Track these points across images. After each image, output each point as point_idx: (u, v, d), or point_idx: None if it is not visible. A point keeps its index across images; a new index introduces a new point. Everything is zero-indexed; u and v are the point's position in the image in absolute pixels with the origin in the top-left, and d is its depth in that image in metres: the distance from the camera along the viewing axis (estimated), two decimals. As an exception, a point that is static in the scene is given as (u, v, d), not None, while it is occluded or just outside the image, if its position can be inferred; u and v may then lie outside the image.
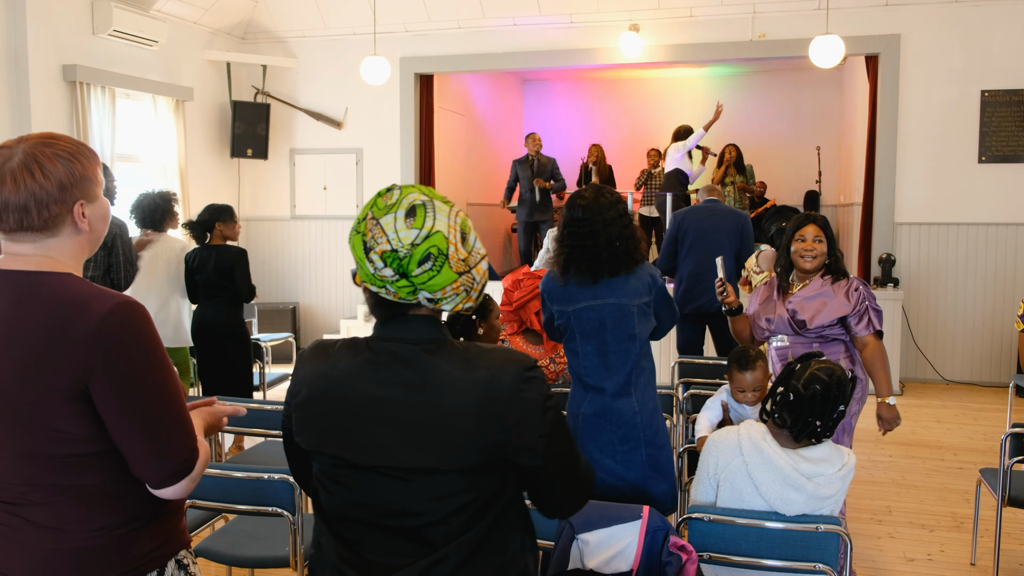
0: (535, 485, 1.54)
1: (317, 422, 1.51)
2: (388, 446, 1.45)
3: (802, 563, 2.31)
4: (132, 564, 1.56)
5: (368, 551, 1.49)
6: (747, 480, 2.35)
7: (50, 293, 1.48)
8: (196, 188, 8.02)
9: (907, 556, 3.85)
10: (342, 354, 1.52)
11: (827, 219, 3.45)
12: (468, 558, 1.46)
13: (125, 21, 7.04)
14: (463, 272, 1.46)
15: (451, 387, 1.44)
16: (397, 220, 1.43)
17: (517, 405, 1.44)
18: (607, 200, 2.85)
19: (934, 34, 7.30)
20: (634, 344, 2.84)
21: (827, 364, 2.38)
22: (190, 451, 1.55)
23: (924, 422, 6.17)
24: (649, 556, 2.31)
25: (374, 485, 1.47)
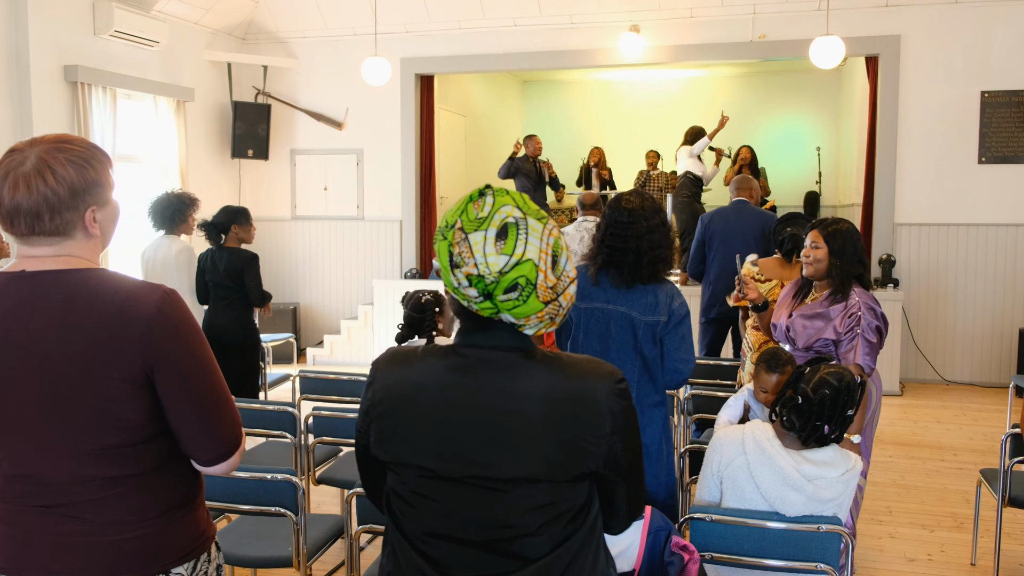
0: (607, 497, 1.50)
1: (403, 433, 1.44)
2: (481, 456, 1.39)
3: (804, 563, 2.32)
4: (192, 546, 1.62)
5: (455, 569, 1.42)
6: (748, 479, 2.36)
7: (98, 287, 1.51)
8: (197, 189, 8.00)
9: (907, 556, 3.86)
10: (427, 361, 1.46)
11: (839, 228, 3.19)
12: (565, 570, 1.41)
13: (126, 22, 7.05)
14: (550, 301, 1.40)
15: (544, 395, 1.39)
16: (487, 242, 1.36)
17: (610, 417, 1.41)
18: (651, 206, 2.85)
19: (934, 35, 7.32)
20: (636, 360, 2.79)
21: (837, 368, 2.38)
22: (239, 427, 1.63)
23: (924, 423, 6.18)
24: (651, 556, 2.32)
25: (464, 497, 1.41)
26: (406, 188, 8.61)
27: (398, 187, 8.62)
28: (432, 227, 8.82)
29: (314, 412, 3.70)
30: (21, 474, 1.52)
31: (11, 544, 1.54)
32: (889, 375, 7.03)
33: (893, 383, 7.04)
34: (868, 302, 3.12)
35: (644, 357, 2.80)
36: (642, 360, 2.80)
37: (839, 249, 3.13)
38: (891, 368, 7.03)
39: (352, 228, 8.80)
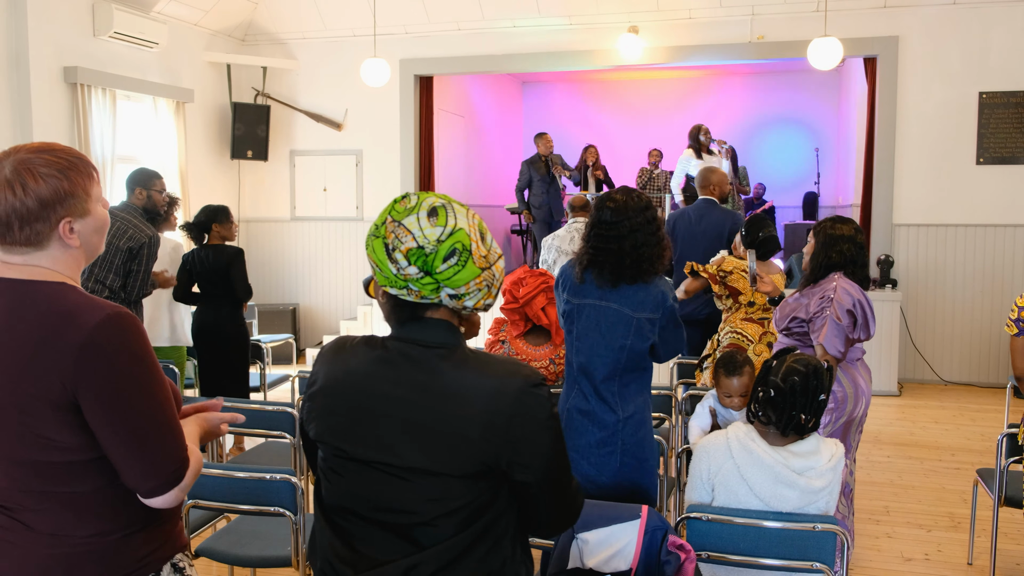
0: (523, 500, 1.56)
1: (326, 413, 1.55)
2: (390, 444, 1.48)
3: (799, 562, 2.33)
4: (126, 569, 1.56)
5: (359, 543, 1.53)
6: (740, 482, 2.37)
7: (43, 302, 1.49)
8: (197, 190, 8.05)
9: (904, 556, 3.87)
10: (359, 350, 1.57)
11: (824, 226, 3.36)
12: (452, 562, 1.49)
13: (126, 23, 7.07)
14: (485, 268, 1.51)
15: (458, 393, 1.47)
16: (420, 219, 1.48)
17: (520, 420, 1.47)
18: (637, 204, 2.83)
19: (932, 36, 7.33)
20: (623, 354, 2.81)
21: (802, 356, 2.43)
22: (180, 461, 1.54)
23: (922, 423, 6.20)
24: (648, 555, 2.33)
25: (371, 479, 1.51)
26: (405, 189, 8.62)
27: (397, 188, 8.63)
28: (431, 228, 8.83)
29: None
30: None
31: None
32: (887, 375, 7.05)
33: (891, 383, 7.05)
34: (846, 287, 3.21)
35: (632, 351, 2.81)
36: (629, 354, 2.81)
37: (823, 243, 3.31)
38: (889, 368, 7.05)
39: (351, 229, 8.82)
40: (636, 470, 2.92)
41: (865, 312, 3.18)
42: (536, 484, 1.52)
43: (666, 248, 2.84)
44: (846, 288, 3.21)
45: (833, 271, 3.29)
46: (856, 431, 3.37)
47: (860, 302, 3.18)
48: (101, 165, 6.90)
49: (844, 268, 3.28)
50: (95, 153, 6.84)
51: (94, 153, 6.83)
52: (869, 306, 3.23)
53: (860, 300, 3.18)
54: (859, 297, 3.20)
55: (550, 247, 5.96)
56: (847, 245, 3.27)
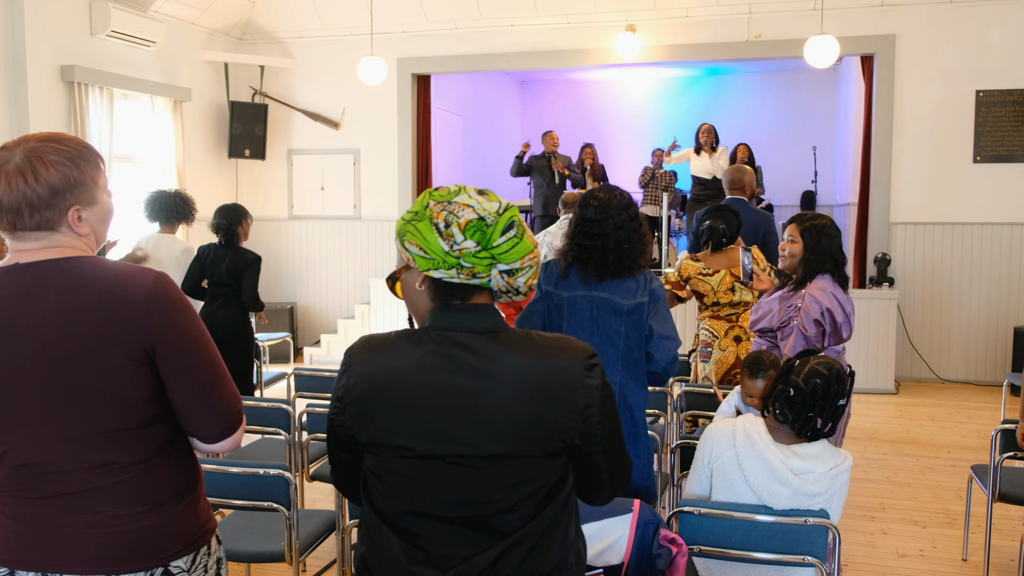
0: (588, 471, 1.54)
1: (381, 414, 1.48)
2: (457, 434, 1.44)
3: (791, 556, 2.34)
4: (191, 540, 1.63)
5: (434, 545, 1.46)
6: (738, 471, 2.38)
7: (93, 272, 1.54)
8: (194, 188, 8.01)
9: (899, 552, 3.88)
10: (401, 345, 1.51)
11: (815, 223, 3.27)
12: (537, 544, 1.46)
13: (123, 22, 7.07)
14: (536, 245, 1.53)
15: (518, 373, 1.44)
16: (472, 196, 1.49)
17: (583, 391, 1.46)
18: (619, 202, 2.86)
19: (929, 34, 7.34)
20: (619, 343, 2.83)
21: (826, 359, 2.41)
22: (240, 403, 1.67)
23: (919, 420, 6.20)
24: (640, 549, 2.34)
25: (442, 475, 1.46)
26: (403, 188, 8.62)
27: (395, 187, 8.63)
28: (429, 227, 8.83)
29: (308, 409, 3.72)
30: (24, 463, 1.53)
31: (12, 536, 1.55)
32: (884, 374, 7.05)
33: (888, 382, 7.06)
34: (816, 294, 3.14)
35: (628, 340, 2.83)
36: (626, 343, 2.83)
37: (814, 245, 3.24)
38: (886, 366, 7.06)
39: (349, 228, 8.82)
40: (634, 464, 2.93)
41: (835, 319, 3.12)
42: (604, 452, 1.50)
43: (647, 244, 2.86)
44: (815, 296, 3.15)
45: (822, 273, 3.23)
46: (839, 437, 3.33)
47: (829, 310, 3.12)
48: (98, 164, 6.90)
49: (833, 270, 3.23)
50: (92, 152, 6.84)
51: (91, 152, 6.83)
52: (845, 308, 3.16)
53: (829, 308, 3.12)
54: (828, 305, 3.12)
55: (542, 242, 5.98)
56: (836, 241, 3.25)
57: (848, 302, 3.19)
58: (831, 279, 3.21)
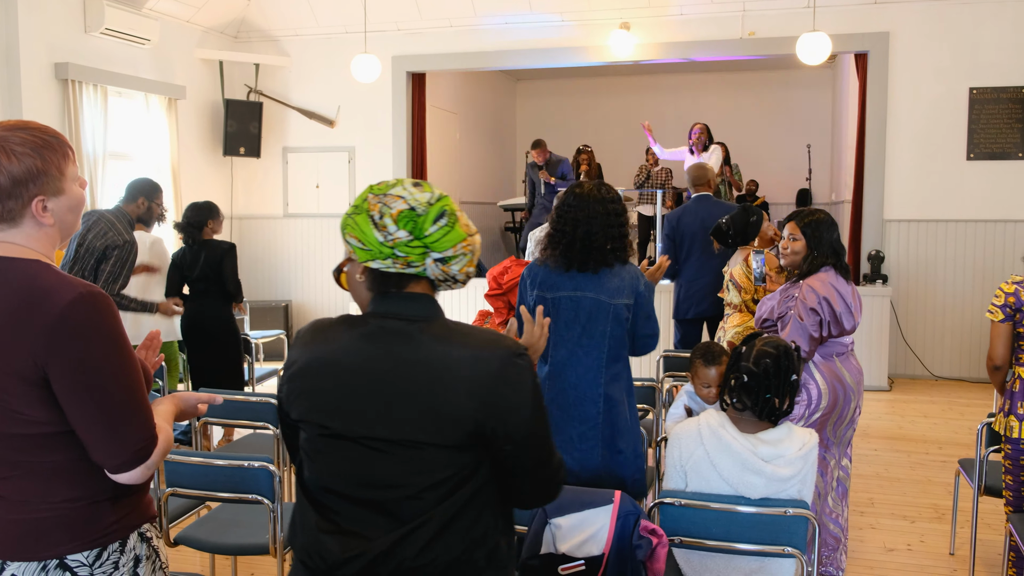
0: (506, 471, 1.56)
1: (310, 392, 1.55)
2: (375, 418, 1.49)
3: (771, 547, 2.35)
4: (94, 536, 1.60)
5: (344, 522, 1.52)
6: (711, 468, 2.39)
7: (15, 279, 1.52)
8: (189, 186, 8.05)
9: (887, 546, 3.89)
10: (338, 328, 1.57)
11: (815, 218, 3.30)
12: (438, 533, 1.49)
13: (117, 19, 7.08)
14: (469, 234, 1.57)
15: (442, 364, 1.48)
16: (407, 187, 1.54)
17: (505, 389, 1.48)
18: (600, 195, 2.86)
19: (923, 32, 7.35)
20: (605, 342, 2.83)
21: (771, 338, 2.45)
22: (148, 439, 1.58)
23: (911, 417, 6.21)
24: (620, 540, 2.35)
25: (356, 456, 1.51)
26: (398, 186, 8.61)
27: (390, 185, 8.62)
28: (424, 224, 8.84)
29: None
30: None
31: None
32: (877, 371, 7.06)
33: (882, 378, 7.07)
34: (815, 284, 3.16)
35: (614, 339, 2.83)
36: (611, 342, 2.83)
37: (816, 239, 3.26)
38: (879, 363, 7.06)
39: (344, 225, 8.81)
40: (617, 462, 2.92)
41: (834, 308, 3.13)
42: (518, 454, 1.52)
43: (627, 243, 2.86)
44: (812, 286, 3.18)
45: (824, 267, 3.24)
46: (843, 426, 3.31)
47: (826, 299, 3.13)
48: (92, 162, 6.91)
49: (835, 262, 3.25)
50: (86, 150, 6.85)
51: (85, 150, 6.83)
52: (846, 298, 3.17)
53: (827, 297, 3.13)
54: (826, 294, 3.13)
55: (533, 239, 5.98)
56: (835, 234, 3.27)
57: (850, 293, 3.21)
58: (833, 271, 3.23)
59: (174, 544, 2.87)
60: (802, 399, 3.21)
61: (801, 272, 3.29)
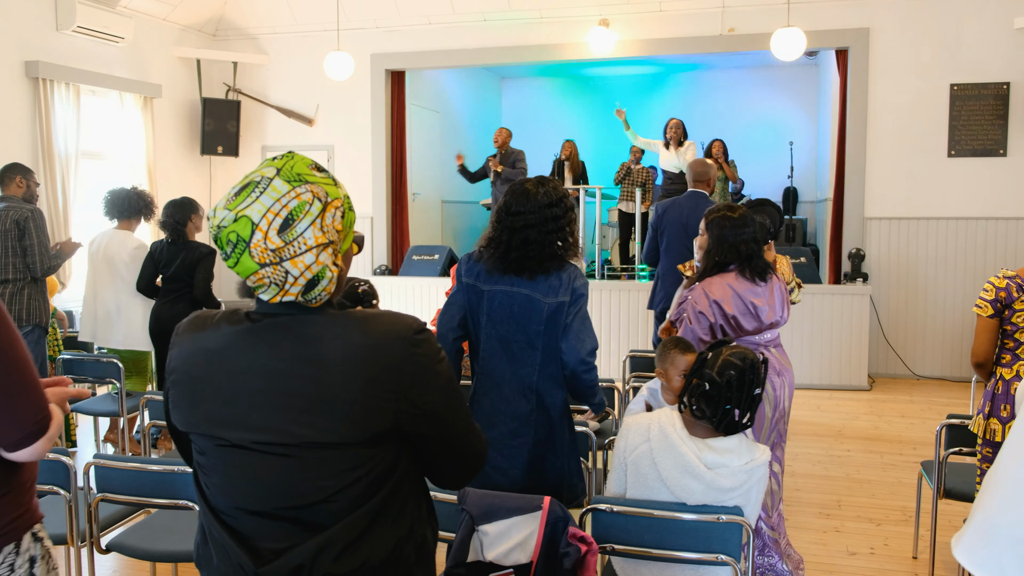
0: (425, 451, 1.47)
1: (194, 400, 1.41)
2: (269, 422, 1.36)
3: (705, 554, 2.28)
4: None
5: (258, 536, 1.39)
6: (651, 466, 2.32)
7: None
8: (165, 185, 7.98)
9: (850, 550, 3.82)
10: (220, 325, 1.43)
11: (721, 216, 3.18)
12: (360, 537, 1.38)
13: (89, 17, 7.01)
14: (267, 264, 1.34)
15: (337, 354, 1.36)
16: (227, 198, 1.38)
17: (408, 368, 1.37)
18: (545, 198, 2.73)
19: (903, 28, 7.28)
20: (539, 340, 2.76)
21: (739, 349, 2.35)
22: (44, 412, 1.58)
23: (888, 417, 6.14)
24: (549, 547, 2.28)
25: (256, 465, 1.38)
26: (377, 185, 8.57)
27: (369, 183, 8.57)
28: (404, 224, 8.79)
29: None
30: None
31: None
32: (857, 370, 7.00)
33: (861, 378, 7.00)
34: (707, 286, 3.09)
35: (548, 339, 2.75)
36: (545, 342, 2.75)
37: (716, 241, 3.17)
38: (859, 363, 7.00)
39: (323, 225, 8.74)
40: (551, 462, 2.85)
41: (725, 311, 3.05)
42: (436, 434, 1.43)
43: (571, 244, 2.76)
44: (706, 289, 3.11)
45: (727, 266, 3.15)
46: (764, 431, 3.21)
47: (718, 302, 3.05)
48: (64, 161, 6.84)
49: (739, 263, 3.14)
50: (58, 149, 6.78)
51: (57, 149, 6.77)
52: (745, 301, 3.07)
53: (719, 300, 3.05)
54: (719, 297, 3.06)
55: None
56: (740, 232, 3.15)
57: (758, 293, 3.09)
58: (736, 272, 3.13)
59: (105, 551, 2.81)
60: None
61: (700, 270, 3.22)
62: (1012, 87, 7.05)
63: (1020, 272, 3.00)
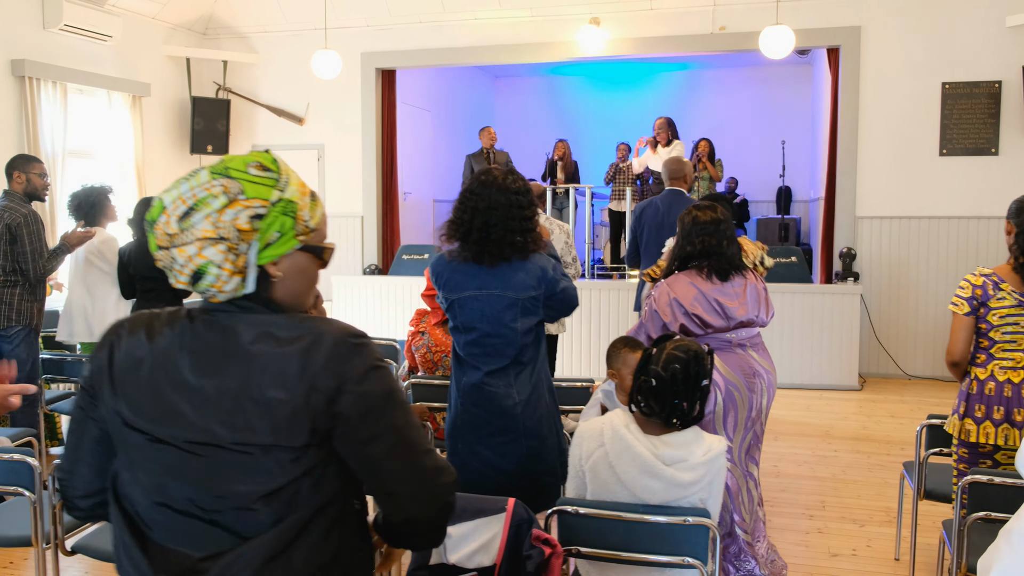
0: (367, 475, 1.41)
1: (125, 396, 1.38)
2: (196, 419, 1.33)
3: (671, 557, 2.24)
4: None
5: (172, 540, 1.35)
6: (609, 470, 2.28)
7: None
8: (155, 184, 7.94)
9: (832, 551, 3.78)
10: (157, 325, 1.41)
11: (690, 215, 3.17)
12: (279, 552, 1.33)
13: (77, 16, 6.98)
14: (162, 247, 1.37)
15: (268, 357, 1.33)
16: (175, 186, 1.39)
17: (340, 376, 1.33)
18: (505, 185, 2.73)
19: (895, 26, 7.24)
20: (515, 336, 2.74)
21: (682, 342, 2.32)
22: None
23: (877, 417, 6.10)
24: (513, 550, 2.25)
25: (177, 463, 1.34)
26: (367, 184, 8.53)
27: (359, 182, 8.54)
28: (395, 223, 8.75)
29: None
30: None
31: None
32: (848, 370, 6.96)
33: (852, 378, 6.96)
34: (669, 283, 3.08)
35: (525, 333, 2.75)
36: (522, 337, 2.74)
37: (684, 233, 3.16)
38: (850, 362, 6.96)
39: (313, 224, 8.71)
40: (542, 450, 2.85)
41: (685, 309, 3.01)
42: (373, 452, 1.36)
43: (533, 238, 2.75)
44: (665, 287, 3.08)
45: (688, 264, 3.13)
46: (739, 431, 3.14)
47: (679, 299, 3.02)
48: (51, 160, 6.81)
49: (705, 259, 3.11)
50: (45, 148, 6.75)
51: (44, 148, 6.74)
52: (709, 299, 3.04)
53: (679, 298, 3.03)
54: (680, 294, 3.03)
55: None
56: (699, 227, 3.11)
57: (725, 291, 3.05)
58: (697, 271, 3.09)
59: (71, 553, 2.78)
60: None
61: (666, 267, 3.21)
62: (1004, 86, 7.01)
63: (997, 270, 2.96)
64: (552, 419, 2.88)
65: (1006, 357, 2.93)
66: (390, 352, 4.89)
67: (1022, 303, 2.89)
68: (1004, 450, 2.98)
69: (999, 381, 2.93)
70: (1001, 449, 2.98)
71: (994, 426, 2.95)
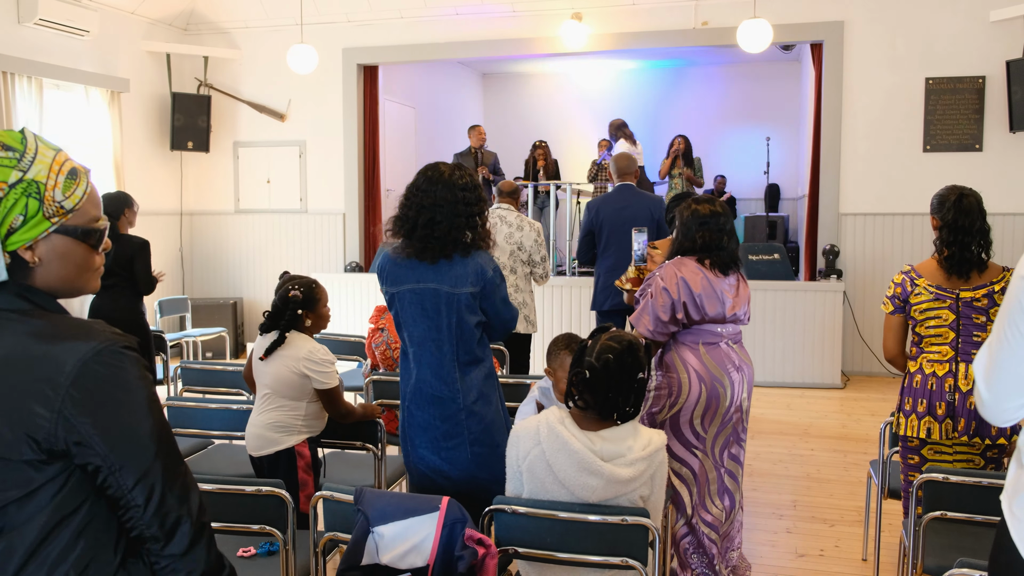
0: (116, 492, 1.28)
1: None
2: None
3: (611, 558, 2.18)
4: None
5: None
6: (547, 469, 2.21)
7: None
8: (134, 181, 7.88)
9: (799, 552, 3.72)
10: None
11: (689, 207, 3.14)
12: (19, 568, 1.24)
13: (52, 10, 6.91)
14: None
15: (18, 360, 1.23)
16: None
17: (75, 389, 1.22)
18: (451, 181, 2.67)
19: (877, 21, 7.17)
20: (454, 333, 2.67)
21: (616, 332, 2.27)
22: None
23: (857, 415, 6.04)
24: (447, 550, 2.18)
25: None
26: (349, 181, 8.46)
27: (341, 179, 8.47)
28: (377, 220, 8.68)
29: (168, 402, 3.55)
30: None
31: None
32: (830, 368, 6.90)
33: (835, 376, 6.90)
34: (675, 269, 3.03)
35: (463, 330, 2.66)
36: (461, 333, 2.66)
37: (683, 226, 3.12)
38: (832, 360, 6.90)
39: (295, 221, 8.66)
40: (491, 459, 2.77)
41: (692, 289, 2.97)
42: (112, 470, 1.26)
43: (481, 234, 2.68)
44: (675, 267, 3.04)
45: (689, 255, 3.08)
46: (718, 427, 3.08)
47: (686, 280, 2.98)
48: (25, 155, 6.74)
49: (705, 253, 3.05)
50: (18, 143, 6.68)
51: (17, 143, 6.66)
52: (713, 288, 3.00)
53: (688, 278, 2.97)
54: (686, 275, 2.99)
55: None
56: (702, 224, 3.06)
57: (716, 281, 2.99)
58: (696, 262, 3.04)
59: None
60: (663, 388, 3.04)
61: (665, 257, 3.18)
62: (988, 81, 6.95)
63: (919, 266, 3.01)
64: (505, 426, 2.79)
65: (933, 350, 2.95)
66: (359, 350, 4.83)
67: (940, 296, 2.91)
68: (930, 444, 2.97)
69: (925, 374, 2.96)
70: (927, 443, 2.97)
71: (918, 419, 2.95)
